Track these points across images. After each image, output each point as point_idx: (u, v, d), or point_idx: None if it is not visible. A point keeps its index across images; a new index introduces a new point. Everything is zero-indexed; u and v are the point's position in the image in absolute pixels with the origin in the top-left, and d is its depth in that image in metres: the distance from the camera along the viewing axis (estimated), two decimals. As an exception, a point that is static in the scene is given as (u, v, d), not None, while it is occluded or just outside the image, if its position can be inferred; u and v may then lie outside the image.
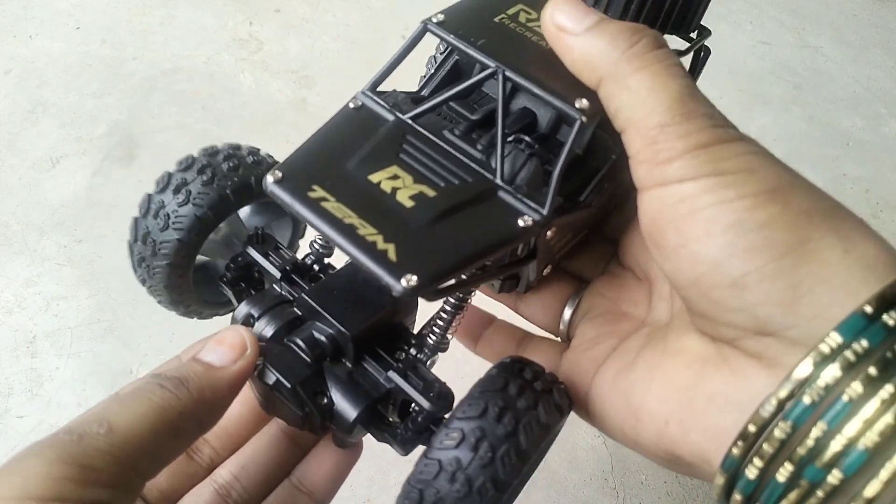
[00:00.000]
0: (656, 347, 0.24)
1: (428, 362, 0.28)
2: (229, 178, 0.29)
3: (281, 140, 0.73)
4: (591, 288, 0.30)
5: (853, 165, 0.75)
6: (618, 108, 0.21)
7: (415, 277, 0.22)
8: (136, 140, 0.73)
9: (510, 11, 0.28)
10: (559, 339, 0.31)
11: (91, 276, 0.62)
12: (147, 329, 0.59)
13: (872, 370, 0.17)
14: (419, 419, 0.26)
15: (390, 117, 0.27)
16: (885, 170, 0.75)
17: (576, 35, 0.22)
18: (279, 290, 0.30)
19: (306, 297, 0.28)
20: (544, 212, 0.24)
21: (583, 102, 0.23)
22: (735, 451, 0.19)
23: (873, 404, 0.16)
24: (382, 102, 0.27)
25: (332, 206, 0.24)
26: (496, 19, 0.28)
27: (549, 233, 0.26)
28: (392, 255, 0.22)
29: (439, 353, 0.29)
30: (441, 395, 0.26)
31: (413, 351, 0.28)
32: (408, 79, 0.31)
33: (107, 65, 0.80)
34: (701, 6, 0.27)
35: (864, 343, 0.17)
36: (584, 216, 0.28)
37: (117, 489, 0.20)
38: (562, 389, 0.25)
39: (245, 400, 0.28)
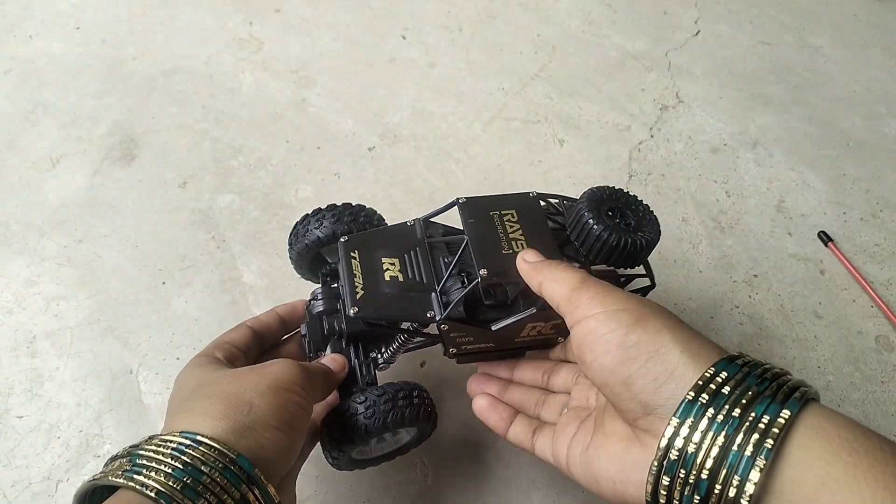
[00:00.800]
0: (599, 432, 0.36)
1: (381, 364, 0.47)
2: (343, 224, 0.48)
3: (281, 140, 0.73)
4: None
5: (853, 165, 0.75)
6: (551, 293, 0.37)
7: (357, 309, 0.42)
8: (136, 140, 0.73)
9: (503, 211, 0.43)
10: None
11: (91, 276, 0.62)
12: (147, 329, 0.59)
13: (698, 434, 0.28)
14: (355, 389, 0.45)
15: (419, 236, 0.46)
16: (885, 170, 0.75)
17: (530, 263, 0.39)
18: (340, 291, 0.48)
19: None
20: (442, 315, 0.42)
21: (483, 272, 0.40)
22: (648, 490, 0.30)
23: (706, 449, 0.27)
24: (422, 227, 0.46)
25: (354, 263, 0.44)
26: (490, 213, 0.43)
27: (443, 326, 0.42)
28: (359, 297, 0.43)
29: (390, 364, 0.48)
30: (370, 381, 0.45)
31: (377, 355, 0.47)
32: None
33: (107, 65, 0.80)
34: (626, 258, 0.43)
35: (692, 419, 0.28)
36: (481, 331, 0.43)
37: (313, 395, 0.40)
38: (427, 411, 0.44)
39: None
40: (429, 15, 0.88)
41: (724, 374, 0.29)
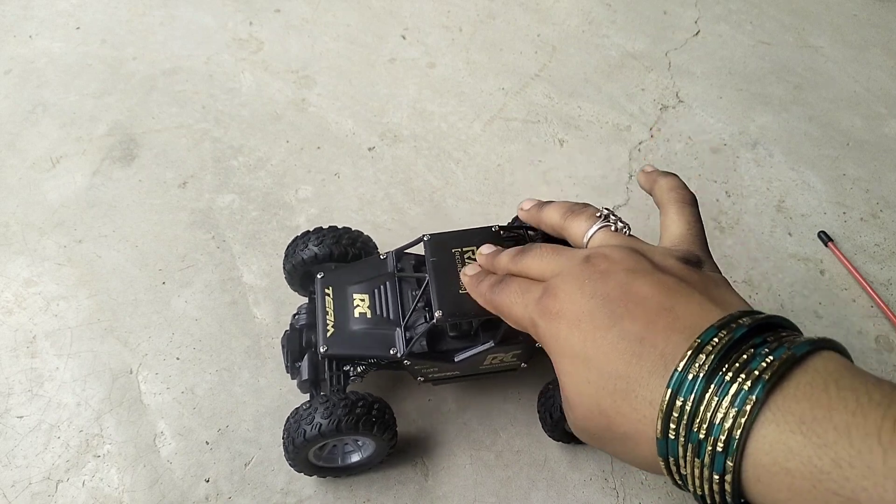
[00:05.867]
0: None
1: (352, 378, 0.49)
2: (337, 245, 0.52)
3: (281, 140, 0.73)
4: None
5: (853, 165, 0.75)
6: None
7: (326, 348, 0.47)
8: (136, 140, 0.73)
9: (465, 248, 0.44)
10: None
11: (91, 276, 0.62)
12: (147, 329, 0.59)
13: (680, 417, 0.25)
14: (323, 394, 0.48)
15: (391, 269, 0.49)
16: (885, 170, 0.75)
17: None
18: None
19: None
20: (404, 351, 0.46)
21: (438, 313, 0.41)
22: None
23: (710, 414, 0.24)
24: (394, 260, 0.49)
25: (328, 299, 0.49)
26: (452, 250, 0.44)
27: (405, 361, 0.46)
28: (329, 335, 0.47)
29: (362, 378, 0.50)
30: (338, 390, 0.48)
31: (350, 368, 0.49)
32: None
33: (107, 65, 0.80)
34: None
35: (681, 399, 0.25)
36: (443, 365, 0.47)
37: None
38: (383, 421, 0.47)
39: None
40: (429, 15, 0.88)
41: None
